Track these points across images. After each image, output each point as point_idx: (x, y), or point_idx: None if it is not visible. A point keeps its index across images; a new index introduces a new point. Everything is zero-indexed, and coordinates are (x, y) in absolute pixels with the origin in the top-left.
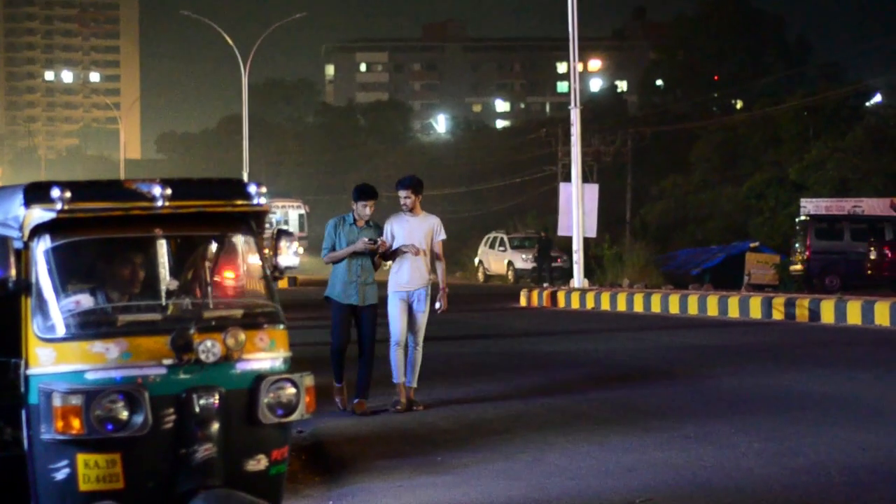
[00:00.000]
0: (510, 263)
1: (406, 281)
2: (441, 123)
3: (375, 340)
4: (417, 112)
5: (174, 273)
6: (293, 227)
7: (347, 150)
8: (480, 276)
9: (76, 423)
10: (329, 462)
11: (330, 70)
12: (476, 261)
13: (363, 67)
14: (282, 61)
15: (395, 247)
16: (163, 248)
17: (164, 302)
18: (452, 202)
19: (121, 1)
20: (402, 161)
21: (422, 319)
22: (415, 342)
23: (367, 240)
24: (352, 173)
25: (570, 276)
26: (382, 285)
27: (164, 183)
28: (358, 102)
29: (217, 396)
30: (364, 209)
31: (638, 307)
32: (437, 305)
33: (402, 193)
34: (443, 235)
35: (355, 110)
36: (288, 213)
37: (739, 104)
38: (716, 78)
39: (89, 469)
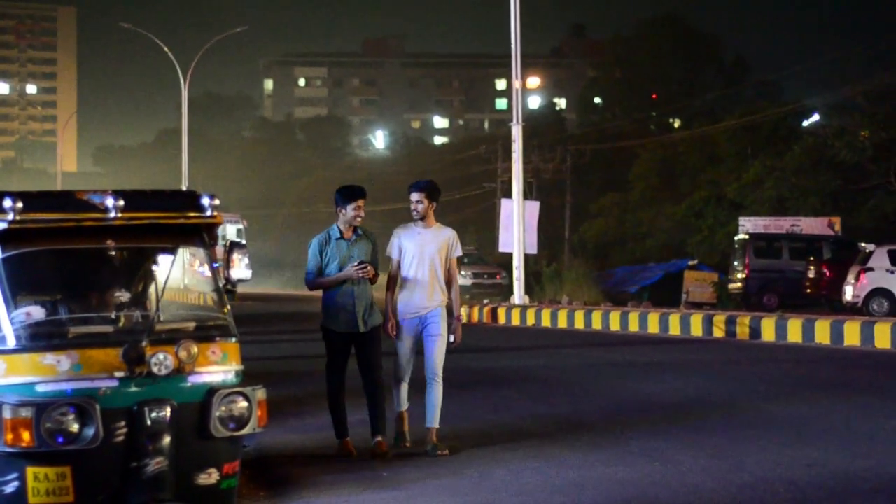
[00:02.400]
0: None
1: (416, 305)
2: (379, 139)
3: (381, 368)
4: (356, 127)
5: (126, 285)
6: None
7: (285, 164)
8: None
9: (26, 435)
10: (274, 477)
11: (268, 84)
12: None
13: (302, 82)
14: (221, 75)
15: (405, 265)
16: (115, 259)
17: (115, 314)
18: (391, 218)
19: (58, 13)
20: (341, 176)
21: (438, 346)
22: (433, 374)
23: (357, 265)
24: (290, 188)
25: (510, 292)
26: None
27: (117, 194)
28: (296, 117)
29: (169, 409)
30: (355, 213)
31: (579, 324)
32: (451, 339)
33: (413, 197)
34: (459, 252)
35: (294, 125)
36: (226, 227)
37: (677, 123)
38: (654, 96)
39: (39, 482)
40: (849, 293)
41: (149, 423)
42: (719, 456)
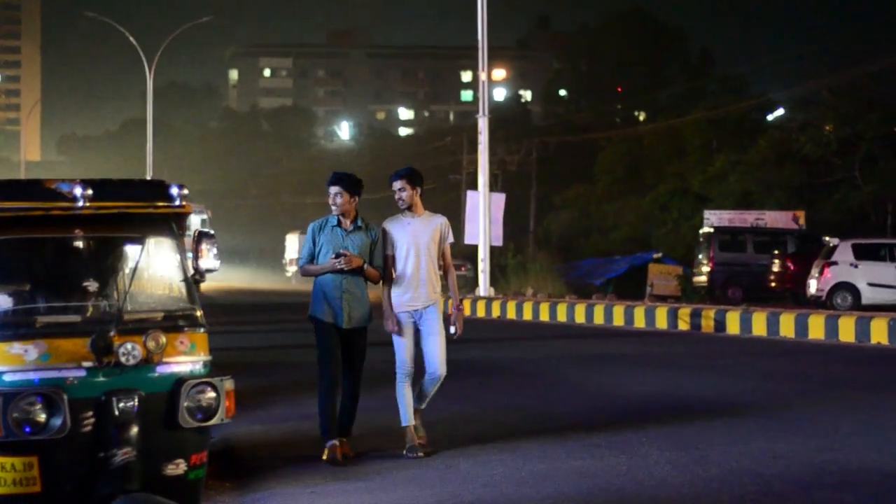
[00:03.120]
0: None
1: (410, 297)
2: (344, 130)
3: (362, 371)
4: (321, 118)
5: (94, 274)
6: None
7: (250, 154)
8: None
9: None
10: (240, 467)
11: (234, 75)
12: None
13: (267, 73)
14: (186, 65)
15: (399, 258)
16: (83, 249)
17: (83, 304)
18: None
19: (22, 1)
20: (306, 167)
21: (439, 343)
22: (435, 374)
23: (334, 256)
24: (255, 178)
25: (476, 284)
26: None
27: (86, 183)
28: (261, 108)
29: (136, 400)
30: (335, 198)
31: (544, 316)
32: (452, 330)
33: (396, 185)
34: (451, 239)
35: (259, 115)
36: (190, 218)
37: (642, 116)
38: (619, 89)
39: (5, 472)
40: (813, 287)
41: (116, 413)
42: (686, 448)
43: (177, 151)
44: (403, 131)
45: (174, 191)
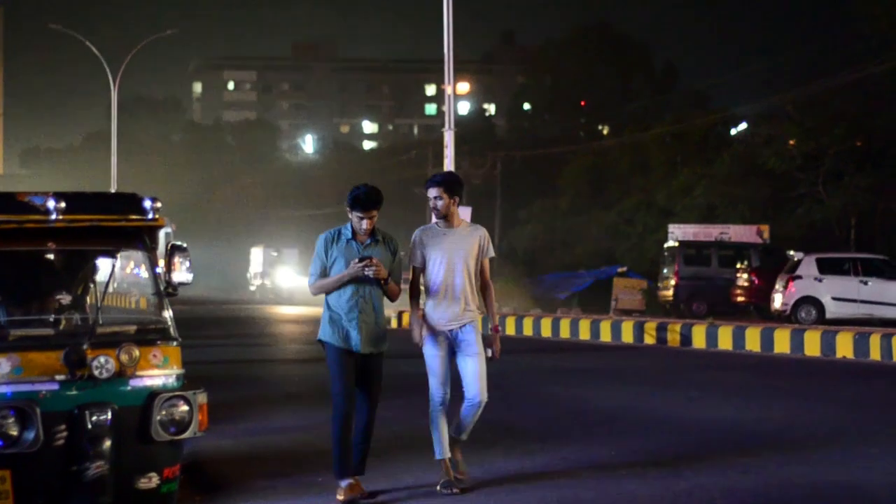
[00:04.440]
0: None
1: (446, 319)
2: (309, 143)
3: (378, 403)
4: (285, 132)
5: (67, 288)
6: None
7: (214, 168)
8: None
9: None
10: (210, 481)
11: (197, 88)
12: None
13: (231, 86)
14: (150, 78)
15: (430, 273)
16: (56, 262)
17: (56, 317)
18: (322, 222)
19: None
20: (270, 180)
21: (479, 365)
22: (477, 398)
23: (359, 261)
24: (219, 191)
25: None
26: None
27: (59, 196)
28: (225, 121)
29: (110, 413)
30: (360, 223)
31: (510, 330)
32: (489, 353)
33: (431, 193)
34: (491, 252)
35: (223, 129)
36: None
37: (606, 130)
38: (583, 103)
39: None
40: (777, 301)
41: (89, 426)
42: (654, 462)
43: (141, 165)
44: (368, 145)
45: (147, 204)
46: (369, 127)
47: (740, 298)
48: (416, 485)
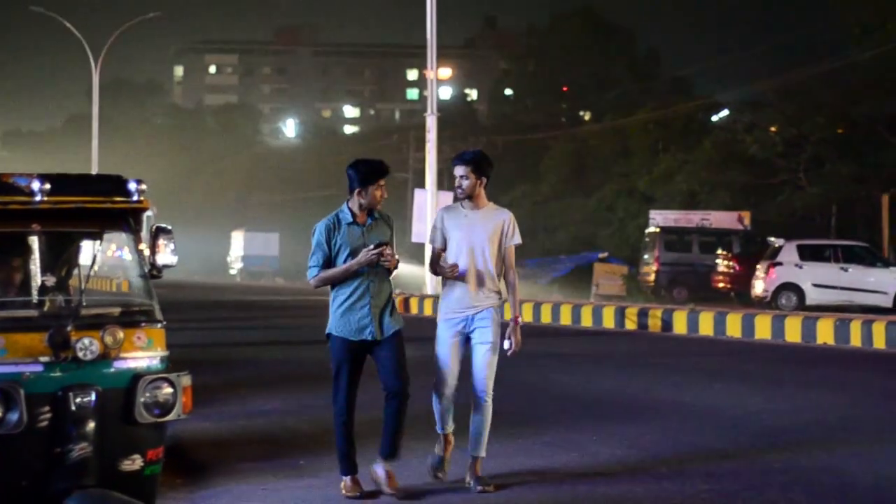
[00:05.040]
0: None
1: (463, 302)
2: (290, 127)
3: (408, 380)
4: (267, 116)
5: (51, 269)
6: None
7: (195, 152)
8: None
9: None
10: (191, 464)
11: (179, 71)
12: None
13: (212, 69)
14: (131, 61)
15: (449, 255)
16: (40, 243)
17: (40, 298)
18: (303, 207)
19: None
20: (252, 164)
21: (489, 358)
22: (481, 392)
23: (374, 248)
24: (200, 175)
25: (422, 283)
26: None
27: (43, 178)
28: (207, 105)
29: (93, 395)
30: (379, 193)
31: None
32: (507, 345)
33: (458, 171)
34: (517, 239)
35: (204, 112)
36: None
37: (588, 116)
38: (565, 89)
39: None
40: (758, 287)
41: (73, 408)
42: (636, 447)
43: (122, 147)
44: (349, 129)
45: (132, 186)
46: (351, 111)
47: (721, 284)
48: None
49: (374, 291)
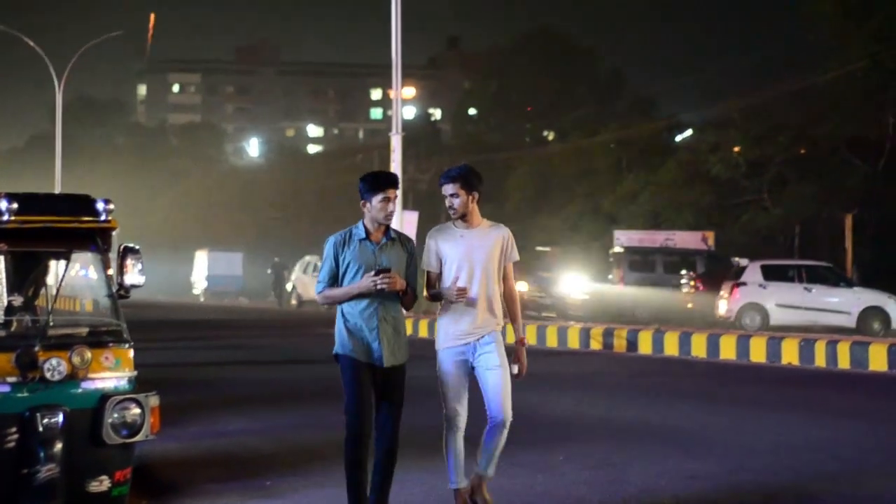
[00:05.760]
0: None
1: (465, 328)
2: (253, 147)
3: (400, 420)
4: (230, 135)
5: (18, 289)
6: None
7: (159, 171)
8: (294, 301)
9: None
10: (158, 485)
11: (142, 90)
12: (289, 286)
13: (176, 88)
14: (95, 80)
15: (446, 278)
16: (7, 263)
17: (7, 318)
18: (266, 227)
19: None
20: (215, 184)
21: (503, 380)
22: (498, 416)
23: (375, 273)
24: (163, 194)
25: None
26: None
27: (11, 197)
28: (170, 124)
29: (61, 416)
30: (382, 205)
31: None
32: (515, 370)
33: (446, 190)
34: (516, 256)
35: (167, 131)
36: None
37: (552, 135)
38: (529, 109)
39: None
40: (722, 307)
41: (41, 429)
42: (603, 467)
43: (85, 167)
44: (313, 148)
45: (100, 206)
46: (314, 130)
47: (686, 305)
48: None
49: (383, 313)
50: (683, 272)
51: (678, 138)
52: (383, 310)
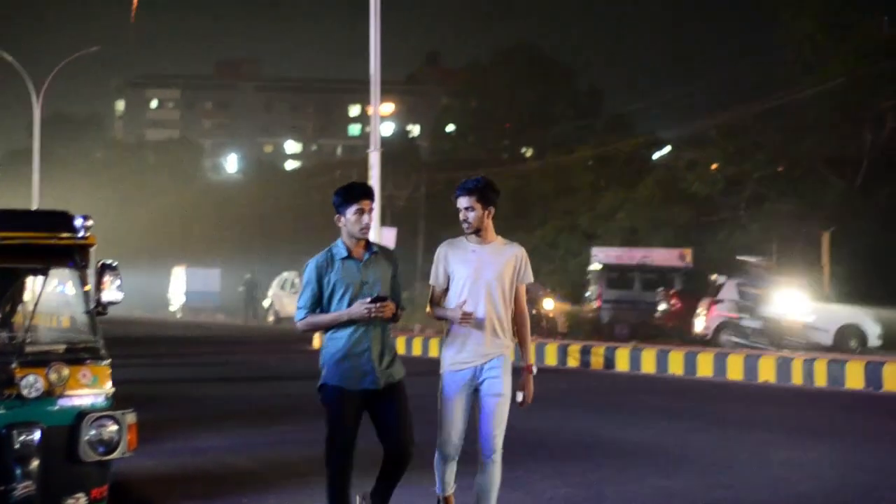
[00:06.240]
0: None
1: (472, 351)
2: (232, 163)
3: (412, 436)
4: (208, 151)
5: None
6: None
7: (137, 187)
8: (271, 318)
9: None
10: (135, 502)
11: (120, 106)
12: (267, 302)
13: (154, 104)
14: (73, 95)
15: (454, 295)
16: None
17: None
18: (244, 243)
19: None
20: (193, 200)
21: (499, 410)
22: (489, 450)
23: (370, 302)
24: (141, 210)
25: None
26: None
27: None
28: (148, 139)
29: (38, 433)
30: (356, 218)
31: (433, 352)
32: (520, 398)
33: (461, 203)
34: (530, 277)
35: (145, 147)
36: None
37: (529, 152)
38: (507, 126)
39: None
40: (699, 325)
41: (17, 446)
42: (580, 485)
43: (63, 183)
44: (291, 165)
45: (78, 222)
46: (293, 147)
47: (663, 322)
48: None
49: (374, 335)
50: (660, 289)
51: (656, 156)
52: (373, 330)
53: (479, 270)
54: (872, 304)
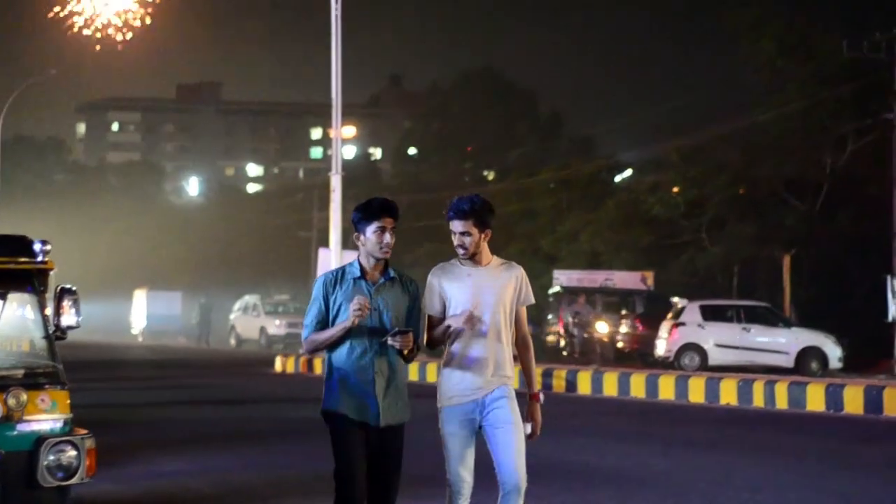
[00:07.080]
0: (263, 329)
1: (472, 382)
2: (193, 186)
3: (398, 490)
4: (170, 174)
5: None
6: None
7: (97, 210)
8: (233, 341)
9: None
10: None
11: (81, 128)
12: (228, 325)
13: (115, 127)
14: (33, 118)
15: (453, 319)
16: None
17: None
18: (205, 266)
19: None
20: (155, 223)
21: (514, 438)
22: (513, 484)
23: (391, 335)
24: (102, 234)
25: None
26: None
27: None
28: (109, 162)
29: None
30: (382, 236)
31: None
32: (528, 430)
33: (456, 227)
34: (531, 298)
35: (106, 170)
36: None
37: (492, 175)
38: (468, 149)
39: None
40: (661, 347)
41: None
42: None
43: (23, 207)
44: (253, 188)
45: (37, 247)
46: (254, 170)
47: (624, 345)
48: None
49: (380, 365)
50: (622, 312)
51: (618, 178)
52: (380, 361)
53: (478, 295)
54: (833, 327)
